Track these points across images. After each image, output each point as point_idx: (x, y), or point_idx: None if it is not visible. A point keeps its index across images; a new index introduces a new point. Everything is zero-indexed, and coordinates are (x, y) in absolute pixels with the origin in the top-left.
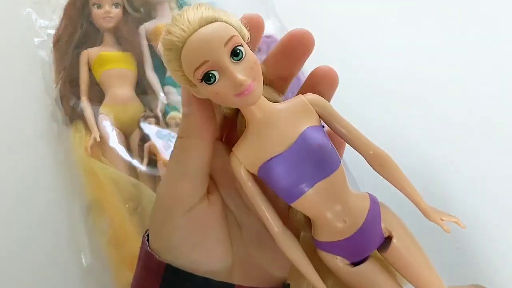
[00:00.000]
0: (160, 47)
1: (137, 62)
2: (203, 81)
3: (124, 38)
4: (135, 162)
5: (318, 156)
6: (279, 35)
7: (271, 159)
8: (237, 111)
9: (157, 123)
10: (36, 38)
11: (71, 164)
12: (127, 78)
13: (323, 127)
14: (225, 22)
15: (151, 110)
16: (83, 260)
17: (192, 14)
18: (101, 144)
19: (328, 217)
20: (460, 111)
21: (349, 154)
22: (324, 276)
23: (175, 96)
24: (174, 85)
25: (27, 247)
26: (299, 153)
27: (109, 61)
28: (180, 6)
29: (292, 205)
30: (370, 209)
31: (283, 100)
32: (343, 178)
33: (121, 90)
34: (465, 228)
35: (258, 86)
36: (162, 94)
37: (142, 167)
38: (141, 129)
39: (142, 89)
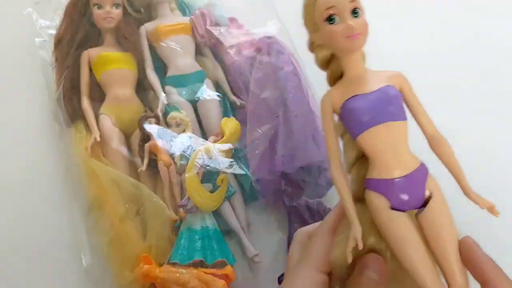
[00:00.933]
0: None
1: (138, 62)
2: (326, 21)
3: (125, 39)
4: (136, 162)
5: (391, 104)
6: (281, 36)
7: (354, 96)
8: (329, 62)
9: (158, 123)
10: (37, 38)
11: (71, 164)
12: (127, 78)
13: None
14: None
15: (152, 110)
16: (83, 260)
17: None
18: (101, 144)
19: (383, 154)
20: None
21: None
22: (367, 233)
23: (176, 96)
24: (175, 85)
25: (27, 247)
26: (377, 97)
27: (110, 61)
28: (180, 6)
29: (359, 137)
30: (419, 167)
31: None
32: (405, 132)
33: (122, 90)
34: (498, 215)
35: (363, 38)
36: (162, 94)
37: (142, 167)
38: (141, 130)
39: (142, 89)
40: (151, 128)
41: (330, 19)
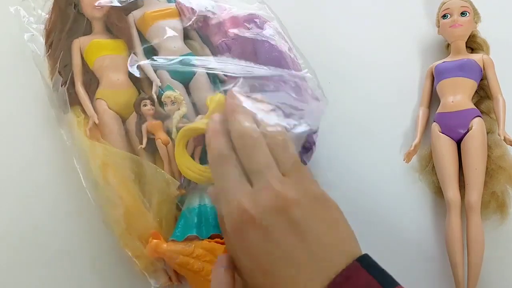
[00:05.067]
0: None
1: (129, 48)
2: (442, 17)
3: (114, 25)
4: (134, 144)
5: (464, 67)
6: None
7: (444, 61)
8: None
9: (153, 104)
10: (26, 33)
11: (71, 148)
12: (120, 64)
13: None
14: (470, 4)
15: (145, 93)
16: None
17: None
18: (100, 127)
19: (446, 97)
20: None
21: None
22: None
23: (168, 78)
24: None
25: (29, 233)
26: (456, 63)
27: (101, 48)
28: None
29: (437, 85)
30: (469, 109)
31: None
32: (471, 88)
33: (116, 76)
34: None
35: (464, 30)
36: (155, 77)
37: (142, 145)
38: (137, 111)
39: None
40: (147, 109)
41: (444, 16)
